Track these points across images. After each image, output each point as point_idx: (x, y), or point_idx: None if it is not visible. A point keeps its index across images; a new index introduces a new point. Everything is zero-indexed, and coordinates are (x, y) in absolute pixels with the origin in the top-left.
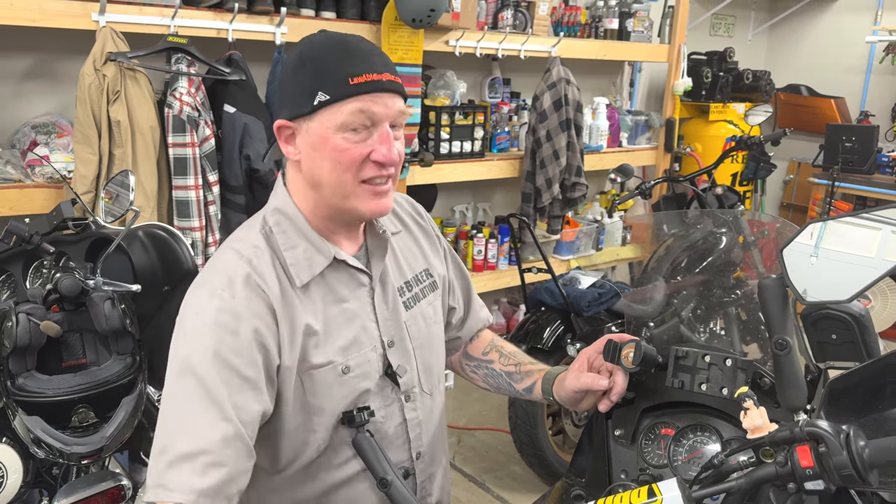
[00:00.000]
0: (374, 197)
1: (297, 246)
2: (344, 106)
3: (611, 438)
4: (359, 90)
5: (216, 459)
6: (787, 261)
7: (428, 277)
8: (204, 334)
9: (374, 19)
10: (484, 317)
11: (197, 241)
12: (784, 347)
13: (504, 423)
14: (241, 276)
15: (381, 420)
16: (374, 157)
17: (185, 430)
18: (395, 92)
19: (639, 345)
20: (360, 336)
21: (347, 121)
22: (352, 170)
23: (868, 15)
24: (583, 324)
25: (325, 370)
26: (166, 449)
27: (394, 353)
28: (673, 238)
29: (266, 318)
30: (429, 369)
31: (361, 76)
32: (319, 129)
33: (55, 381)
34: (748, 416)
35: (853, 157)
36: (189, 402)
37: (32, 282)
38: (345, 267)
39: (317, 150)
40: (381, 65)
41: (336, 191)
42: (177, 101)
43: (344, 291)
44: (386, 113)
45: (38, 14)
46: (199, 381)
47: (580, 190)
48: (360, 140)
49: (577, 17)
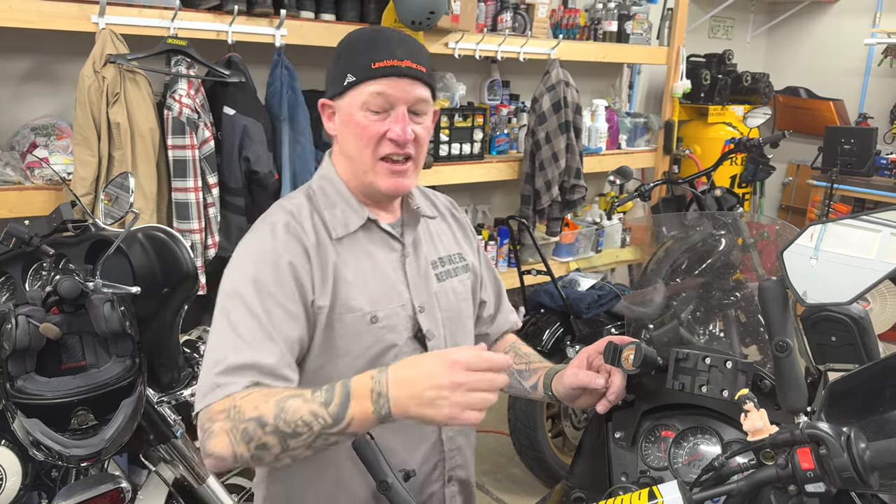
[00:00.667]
0: (391, 175)
1: (336, 206)
2: (366, 87)
3: (611, 441)
4: (379, 73)
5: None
6: (787, 263)
7: (461, 259)
8: (248, 266)
9: (374, 21)
10: (513, 320)
11: (196, 243)
12: (784, 349)
13: (503, 426)
14: (282, 223)
15: None
16: (389, 135)
17: (238, 346)
18: (416, 78)
19: (639, 347)
20: (390, 292)
21: (367, 100)
22: (371, 145)
23: (867, 17)
24: (582, 326)
25: (354, 316)
26: (221, 361)
27: (424, 319)
28: (672, 240)
29: (301, 258)
30: (457, 343)
31: (383, 61)
32: (347, 106)
33: (54, 384)
34: (748, 419)
35: (852, 159)
36: (237, 322)
37: (32, 284)
38: (378, 230)
39: (346, 126)
40: (403, 53)
41: (359, 165)
42: (176, 104)
43: (377, 253)
44: (403, 96)
45: (37, 16)
46: (245, 306)
47: (579, 192)
48: (379, 119)
49: (576, 19)
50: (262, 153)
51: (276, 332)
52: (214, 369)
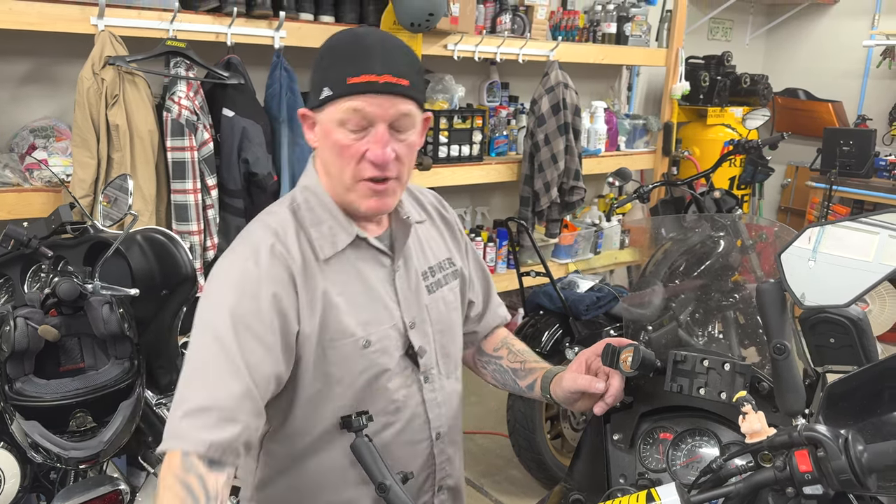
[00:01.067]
0: (371, 195)
1: (322, 222)
2: (342, 104)
3: (609, 443)
4: (354, 90)
5: (229, 415)
6: (785, 265)
7: (450, 265)
8: (226, 296)
9: (373, 23)
10: (502, 314)
11: (195, 245)
12: (782, 352)
13: (502, 427)
14: (266, 246)
15: (402, 399)
16: (368, 156)
17: (201, 384)
18: (395, 94)
19: (637, 349)
20: (381, 313)
21: (344, 118)
22: (350, 166)
23: (865, 19)
24: (581, 327)
25: (346, 342)
26: (185, 400)
27: (414, 335)
28: (671, 242)
29: (286, 285)
30: (447, 355)
31: (358, 76)
32: (326, 121)
33: (53, 386)
34: (746, 421)
35: (851, 160)
36: (207, 359)
37: (30, 286)
38: (367, 246)
39: (325, 140)
40: (381, 66)
41: (339, 182)
42: (175, 105)
43: (366, 270)
44: (381, 114)
45: (36, 18)
46: (217, 339)
47: (578, 194)
48: (358, 138)
49: (575, 21)
50: (261, 155)
51: (247, 369)
52: (178, 410)
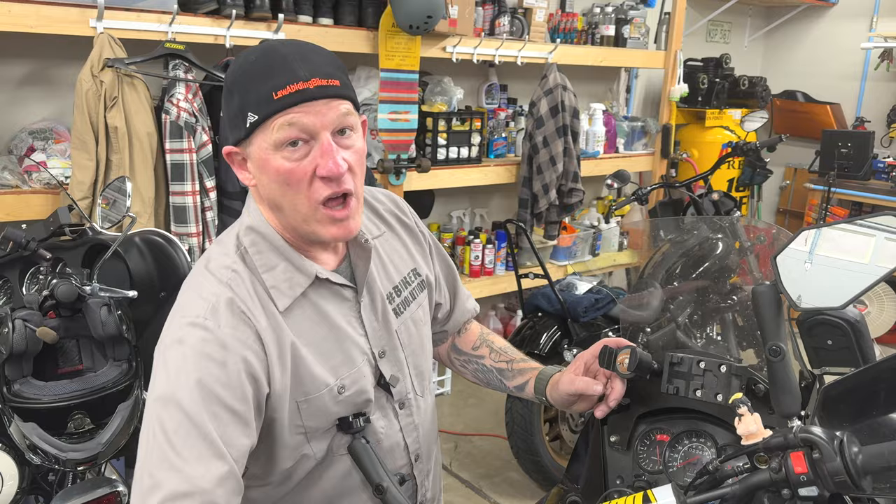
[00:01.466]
0: (333, 222)
1: (275, 266)
2: (272, 122)
3: (606, 444)
4: (284, 104)
5: (210, 500)
6: (780, 268)
7: (416, 277)
8: (189, 366)
9: (372, 26)
10: (470, 307)
11: (194, 247)
12: (778, 354)
13: (501, 429)
14: (224, 302)
15: (383, 432)
16: (319, 172)
17: (176, 466)
18: (329, 97)
19: (634, 351)
20: (352, 351)
21: (279, 137)
22: (302, 190)
23: (863, 21)
24: (579, 329)
25: (321, 395)
26: (159, 485)
27: (385, 364)
28: (669, 244)
29: (254, 347)
30: (420, 374)
31: (284, 88)
32: (258, 151)
33: (51, 388)
34: (742, 423)
35: (849, 162)
36: (178, 437)
37: (29, 288)
38: (328, 284)
39: (264, 174)
40: (305, 71)
41: (293, 215)
42: (174, 107)
43: (329, 309)
44: (320, 122)
45: (35, 20)
46: (186, 416)
47: (577, 196)
48: (302, 156)
49: (573, 23)
50: None
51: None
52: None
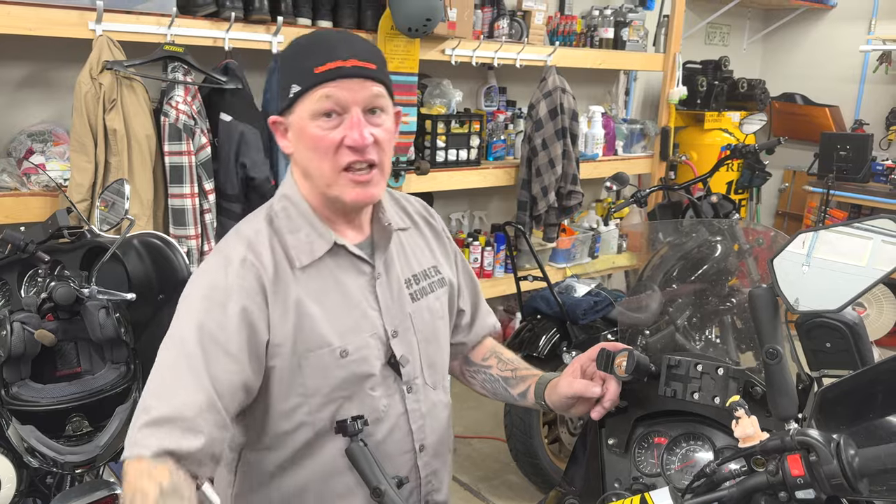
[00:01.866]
0: (355, 186)
1: (299, 230)
2: (312, 94)
3: (604, 447)
4: (323, 77)
5: (191, 426)
6: (777, 270)
7: (436, 274)
8: (195, 307)
9: (371, 28)
10: (491, 323)
11: (192, 250)
12: (775, 357)
13: (500, 432)
14: (238, 256)
15: (384, 409)
16: (347, 142)
17: (165, 394)
18: (364, 77)
19: (631, 353)
20: (360, 322)
21: (316, 108)
22: (329, 157)
23: (862, 24)
24: (578, 332)
25: (321, 353)
26: (148, 410)
27: (397, 344)
28: (668, 246)
29: (256, 297)
30: (432, 364)
31: (324, 65)
32: (298, 120)
33: (49, 390)
34: (739, 425)
35: (848, 165)
36: (172, 369)
37: (27, 290)
38: (346, 254)
39: (300, 141)
40: (346, 52)
41: (320, 179)
42: (173, 110)
43: (345, 278)
44: (352, 97)
45: (34, 23)
46: (183, 350)
47: (576, 198)
48: (333, 126)
49: (572, 26)
50: (258, 159)
51: (211, 381)
52: (140, 419)
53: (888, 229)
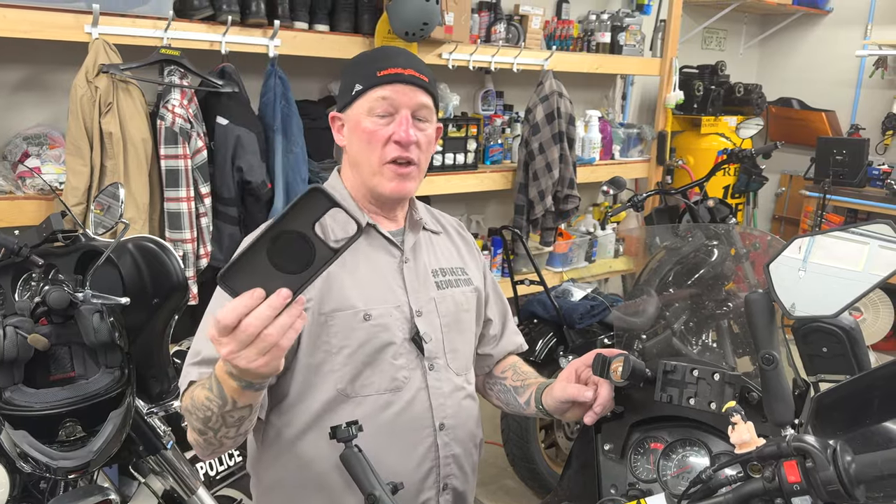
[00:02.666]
0: (395, 177)
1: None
2: (372, 93)
3: (600, 453)
4: (383, 80)
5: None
6: (773, 276)
7: (463, 274)
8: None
9: (368, 32)
10: (518, 342)
11: (188, 253)
12: (771, 362)
13: (497, 437)
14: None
15: (404, 380)
16: (394, 137)
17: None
18: (417, 86)
19: (627, 359)
20: (386, 294)
21: (373, 105)
22: (377, 149)
23: (858, 29)
24: (575, 336)
25: (346, 313)
26: (196, 353)
27: (421, 322)
28: (665, 251)
29: None
30: (455, 350)
31: (386, 69)
32: (355, 114)
33: (42, 395)
34: (736, 431)
35: (844, 169)
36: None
37: (21, 294)
38: (377, 236)
39: (353, 133)
40: (405, 62)
41: (366, 168)
42: (169, 113)
43: (375, 257)
44: (406, 101)
45: (30, 26)
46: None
47: (573, 202)
48: (385, 124)
49: (569, 30)
50: (255, 163)
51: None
52: (191, 360)
53: (884, 234)
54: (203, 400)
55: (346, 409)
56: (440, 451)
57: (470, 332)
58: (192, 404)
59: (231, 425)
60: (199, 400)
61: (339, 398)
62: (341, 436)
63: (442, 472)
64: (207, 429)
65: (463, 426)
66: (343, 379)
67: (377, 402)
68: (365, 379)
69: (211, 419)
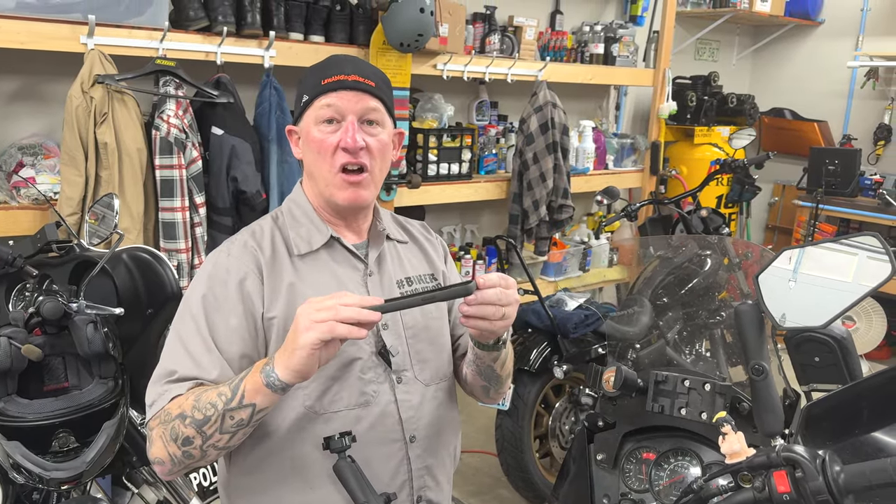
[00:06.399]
0: (347, 186)
1: (301, 225)
2: (318, 102)
3: (593, 462)
4: (327, 88)
5: (210, 379)
6: (762, 287)
7: (432, 280)
8: (201, 284)
9: (363, 43)
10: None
11: (183, 263)
12: (760, 373)
13: (491, 446)
14: (240, 243)
15: (373, 394)
16: (341, 145)
17: (181, 357)
18: (363, 91)
19: (619, 369)
20: None
21: (319, 114)
22: (327, 158)
23: (849, 40)
24: (569, 345)
25: None
26: (169, 373)
27: (387, 335)
28: (659, 260)
29: (252, 274)
30: (423, 361)
31: (331, 77)
32: (305, 125)
33: (36, 406)
34: (726, 441)
35: (836, 179)
36: (185, 336)
37: (15, 305)
38: (341, 249)
39: (306, 144)
40: (350, 69)
41: (321, 179)
42: (164, 124)
43: (340, 271)
44: (349, 107)
45: (26, 36)
46: (193, 321)
47: (567, 212)
48: (332, 131)
49: (563, 41)
50: (249, 173)
51: (217, 348)
52: (163, 380)
53: (873, 245)
54: (212, 396)
55: (316, 426)
56: (412, 463)
57: (442, 338)
58: (194, 406)
59: (226, 431)
60: (206, 398)
61: (308, 415)
62: (335, 446)
63: (415, 485)
64: (199, 433)
65: (436, 436)
66: (311, 396)
67: (347, 417)
68: (333, 395)
69: (211, 418)
